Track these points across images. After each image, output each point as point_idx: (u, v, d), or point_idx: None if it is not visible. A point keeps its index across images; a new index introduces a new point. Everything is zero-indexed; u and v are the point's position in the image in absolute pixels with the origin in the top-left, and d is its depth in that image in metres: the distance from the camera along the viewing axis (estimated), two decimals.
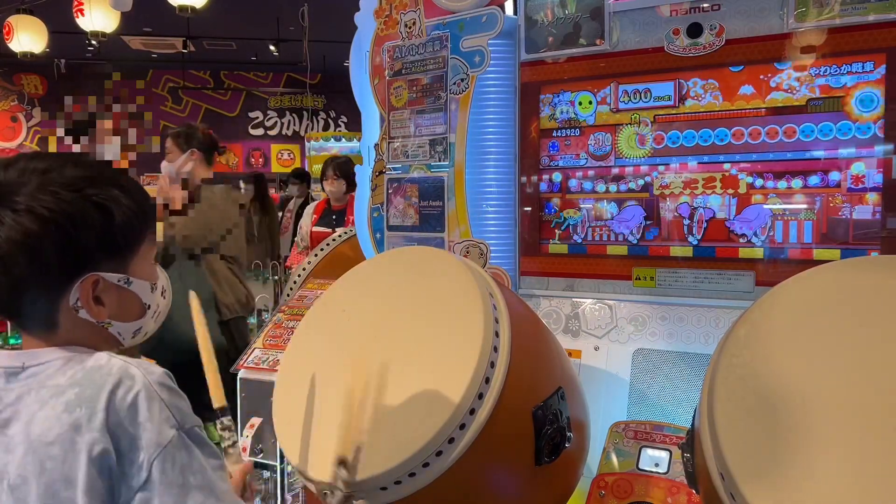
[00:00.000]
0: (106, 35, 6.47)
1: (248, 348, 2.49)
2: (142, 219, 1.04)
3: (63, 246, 0.95)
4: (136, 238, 1.04)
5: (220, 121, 13.21)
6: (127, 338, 1.08)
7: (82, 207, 0.96)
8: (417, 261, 1.58)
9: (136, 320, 1.07)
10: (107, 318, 1.03)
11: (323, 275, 2.79)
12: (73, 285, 0.98)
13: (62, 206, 0.95)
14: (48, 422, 0.92)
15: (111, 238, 1.00)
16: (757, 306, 1.23)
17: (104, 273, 1.00)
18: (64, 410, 0.92)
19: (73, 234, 0.96)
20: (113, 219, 0.99)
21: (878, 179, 1.69)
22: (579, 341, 2.00)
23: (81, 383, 0.94)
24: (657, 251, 1.96)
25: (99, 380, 0.94)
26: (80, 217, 0.96)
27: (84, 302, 0.99)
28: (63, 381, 0.95)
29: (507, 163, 2.17)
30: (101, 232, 0.98)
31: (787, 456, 1.04)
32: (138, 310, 1.07)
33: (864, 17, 1.66)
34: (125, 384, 0.94)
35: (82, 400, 0.92)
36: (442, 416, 1.23)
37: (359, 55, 2.41)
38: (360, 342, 1.43)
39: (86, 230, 0.97)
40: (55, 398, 0.94)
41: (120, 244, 1.01)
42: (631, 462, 1.56)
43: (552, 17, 2.04)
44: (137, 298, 1.06)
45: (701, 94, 1.88)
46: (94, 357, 0.99)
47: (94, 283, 1.00)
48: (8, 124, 12.29)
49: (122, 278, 1.03)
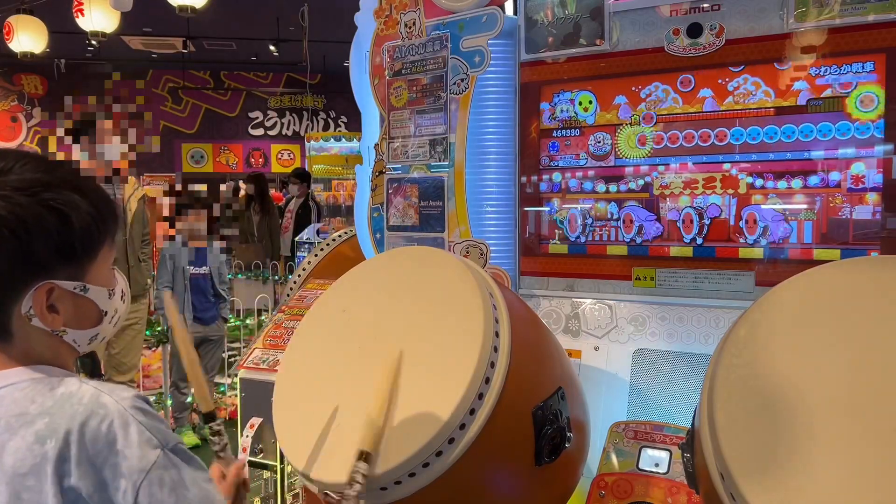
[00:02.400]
0: (106, 35, 6.47)
1: (248, 348, 2.49)
2: (101, 224, 0.99)
3: (16, 253, 0.91)
4: (94, 244, 0.99)
5: (220, 121, 13.22)
6: (83, 345, 1.03)
7: (38, 213, 0.91)
8: (417, 261, 1.58)
9: (93, 327, 1.02)
10: (61, 327, 0.98)
11: (323, 275, 2.79)
12: (26, 293, 0.93)
13: (15, 210, 0.90)
14: (20, 452, 0.89)
15: (69, 245, 0.95)
16: (757, 306, 1.23)
17: (59, 281, 0.95)
18: (35, 441, 0.88)
19: (26, 241, 0.91)
20: (71, 225, 0.94)
21: (878, 179, 1.69)
22: (579, 341, 2.00)
23: (51, 412, 0.90)
24: (657, 251, 1.96)
25: (69, 409, 0.90)
26: (35, 223, 0.91)
27: (37, 311, 0.95)
28: (32, 409, 0.91)
29: (507, 163, 2.17)
30: (57, 239, 0.93)
31: (787, 456, 1.04)
32: (95, 317, 1.02)
33: (863, 17, 1.66)
34: (97, 414, 0.90)
35: (52, 431, 0.88)
36: (442, 417, 1.22)
37: (359, 55, 2.41)
38: (360, 342, 1.43)
39: (41, 237, 0.92)
40: (25, 427, 0.90)
41: (77, 250, 0.96)
42: (631, 462, 1.56)
43: (552, 17, 2.04)
44: (94, 305, 1.01)
45: (700, 95, 1.88)
46: (64, 383, 0.94)
47: (49, 291, 0.95)
48: (8, 124, 12.29)
49: (79, 286, 0.98)
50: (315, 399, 1.40)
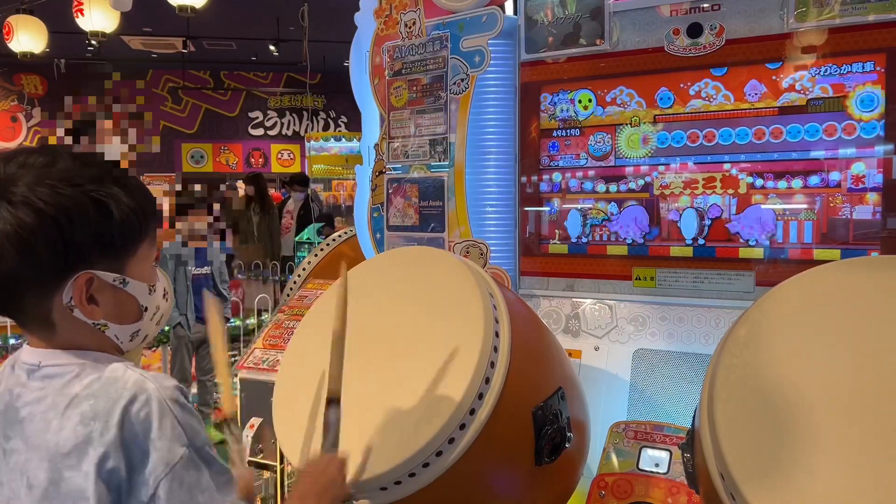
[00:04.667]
0: (106, 35, 6.47)
1: (248, 348, 2.49)
2: (142, 219, 1.01)
3: (58, 241, 0.93)
4: (134, 238, 1.01)
5: (220, 121, 13.21)
6: (125, 341, 1.04)
7: (80, 202, 0.94)
8: (417, 261, 1.58)
9: (134, 323, 1.04)
10: (102, 319, 1.00)
11: (323, 275, 2.79)
12: (67, 283, 0.95)
13: (59, 199, 0.92)
14: (64, 432, 0.92)
15: (108, 236, 0.97)
16: (757, 306, 1.23)
17: (99, 272, 0.97)
18: (79, 422, 0.92)
19: (67, 230, 0.93)
20: (111, 216, 0.96)
21: (878, 179, 1.69)
22: (579, 341, 2.00)
23: (97, 395, 0.93)
24: (657, 251, 1.96)
25: (114, 393, 0.93)
26: (76, 212, 0.93)
27: (77, 300, 0.96)
28: (79, 391, 0.94)
29: (507, 163, 2.17)
30: (97, 229, 0.95)
31: (788, 456, 1.04)
32: (135, 312, 1.04)
33: (864, 17, 1.66)
34: (140, 399, 0.93)
35: (97, 413, 0.92)
36: (442, 417, 1.22)
37: (359, 55, 2.41)
38: (359, 342, 1.43)
39: (82, 226, 0.94)
40: (71, 408, 0.93)
41: (117, 243, 0.98)
42: (631, 462, 1.56)
43: (552, 17, 2.04)
44: (134, 300, 1.03)
45: (701, 94, 1.88)
46: (110, 367, 0.97)
47: (88, 281, 0.97)
48: (8, 124, 12.29)
49: (118, 278, 1.00)
50: (315, 399, 1.40)
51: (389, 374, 1.37)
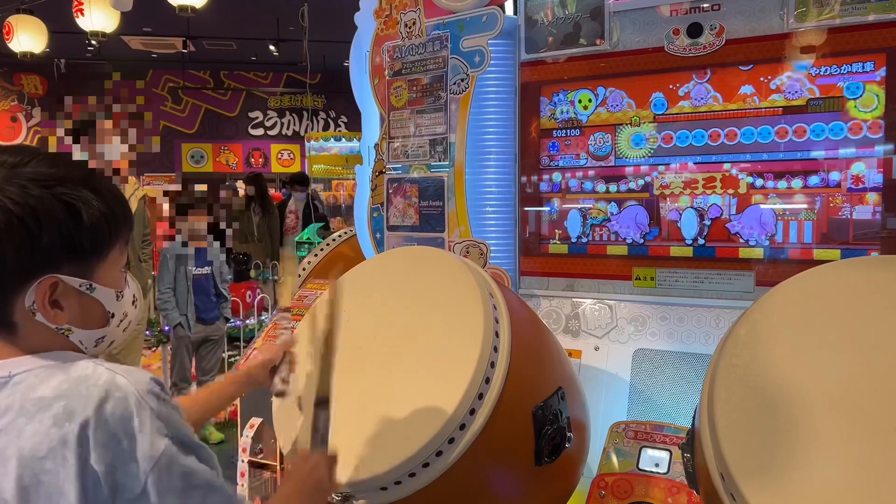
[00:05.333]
0: (106, 35, 6.46)
1: (248, 348, 2.49)
2: (112, 224, 0.99)
3: (23, 243, 0.90)
4: (103, 243, 0.98)
5: (220, 121, 13.21)
6: (89, 346, 1.01)
7: (50, 205, 0.91)
8: (417, 261, 1.58)
9: (99, 328, 1.01)
10: (66, 324, 0.97)
11: (323, 275, 2.79)
12: (30, 286, 0.93)
13: (28, 200, 0.90)
14: (38, 436, 0.89)
15: (76, 240, 0.94)
16: (757, 306, 1.23)
17: (64, 276, 0.95)
18: (52, 425, 0.89)
19: (35, 232, 0.91)
20: (80, 220, 0.94)
21: (878, 179, 1.69)
22: (579, 341, 2.00)
23: (68, 395, 0.90)
24: (657, 251, 1.96)
25: (85, 391, 0.90)
26: (45, 215, 0.91)
27: (39, 305, 0.94)
28: (48, 393, 0.91)
29: (507, 163, 2.17)
30: (65, 232, 0.93)
31: (787, 456, 1.04)
32: (101, 317, 1.01)
33: (864, 17, 1.66)
34: (113, 396, 0.90)
35: (70, 414, 0.89)
36: (442, 417, 1.22)
37: (359, 55, 2.41)
38: (360, 342, 1.43)
39: (50, 229, 0.92)
40: (42, 412, 0.90)
41: (86, 248, 0.96)
42: (631, 462, 1.56)
43: (552, 17, 2.04)
44: (101, 306, 1.00)
45: (701, 95, 1.88)
46: (78, 366, 0.94)
47: (53, 285, 0.94)
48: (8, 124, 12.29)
49: (85, 284, 0.97)
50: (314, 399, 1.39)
51: (390, 374, 1.37)
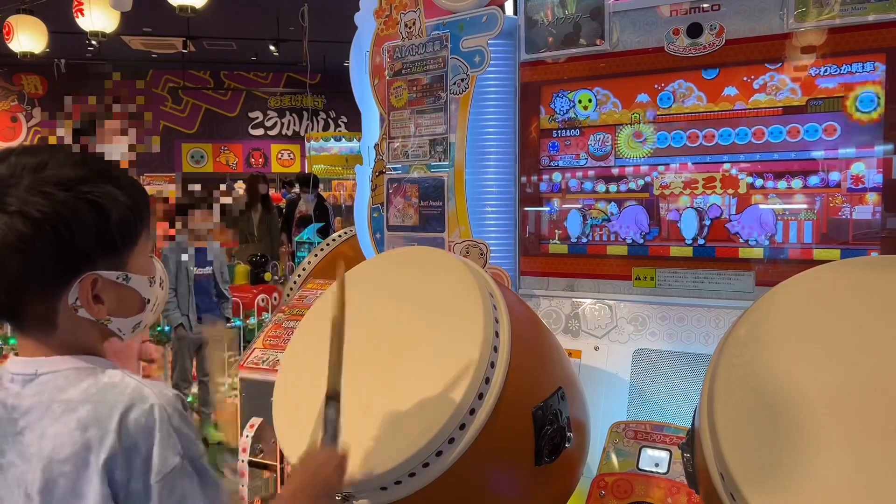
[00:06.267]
0: (106, 35, 6.47)
1: (248, 348, 2.49)
2: (138, 214, 1.01)
3: (58, 247, 0.93)
4: (132, 234, 1.01)
5: (220, 121, 13.22)
6: (127, 333, 1.05)
7: (76, 207, 0.93)
8: (417, 261, 1.58)
9: (136, 315, 1.05)
10: (106, 316, 1.00)
11: (323, 275, 2.79)
12: (72, 285, 0.96)
13: (55, 206, 0.92)
14: (60, 438, 0.91)
15: (108, 237, 0.97)
16: (757, 306, 1.23)
17: (102, 272, 0.98)
18: (76, 428, 0.91)
19: (67, 236, 0.93)
20: (109, 217, 0.96)
21: (878, 179, 1.69)
22: (579, 341, 2.00)
23: (93, 401, 0.93)
24: (657, 251, 1.96)
25: (111, 399, 0.93)
26: (74, 218, 0.93)
27: (83, 301, 0.97)
28: (75, 396, 0.94)
29: (507, 163, 2.17)
30: (97, 231, 0.95)
31: (788, 456, 1.04)
32: (138, 305, 1.05)
33: (863, 17, 1.66)
34: (138, 407, 0.92)
35: (94, 419, 0.91)
36: (442, 417, 1.22)
37: (359, 55, 2.41)
38: (360, 342, 1.43)
39: (81, 230, 0.94)
40: (67, 414, 0.92)
41: (117, 242, 0.99)
42: (631, 462, 1.56)
43: (552, 17, 2.04)
44: (136, 294, 1.04)
45: (700, 95, 1.88)
46: (107, 373, 0.97)
47: (93, 282, 0.97)
48: (8, 124, 12.30)
49: (121, 275, 1.00)
50: (315, 399, 1.40)
51: (389, 375, 1.37)
